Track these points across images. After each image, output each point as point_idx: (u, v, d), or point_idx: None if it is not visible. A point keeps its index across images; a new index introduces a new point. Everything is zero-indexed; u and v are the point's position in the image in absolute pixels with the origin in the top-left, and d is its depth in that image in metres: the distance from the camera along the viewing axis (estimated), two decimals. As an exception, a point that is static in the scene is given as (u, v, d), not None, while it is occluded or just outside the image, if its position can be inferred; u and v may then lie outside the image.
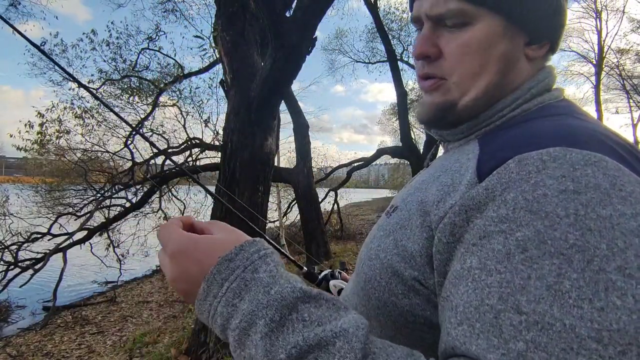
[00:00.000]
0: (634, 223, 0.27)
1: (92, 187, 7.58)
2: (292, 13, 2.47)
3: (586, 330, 0.24)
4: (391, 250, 0.41)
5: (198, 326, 2.82)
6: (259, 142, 2.92)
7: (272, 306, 0.32)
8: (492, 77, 0.42)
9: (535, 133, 0.36)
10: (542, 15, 0.41)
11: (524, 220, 0.29)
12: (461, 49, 0.41)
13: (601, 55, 19.75)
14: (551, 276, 0.26)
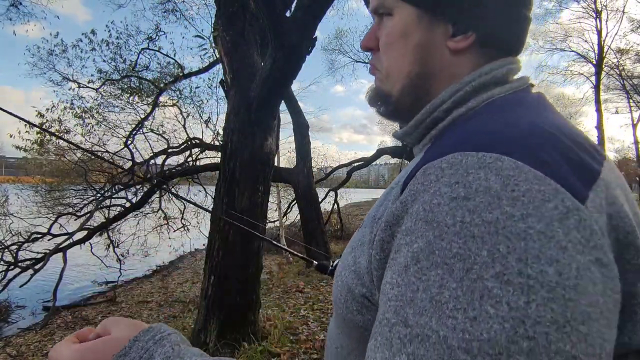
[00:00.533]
0: (521, 225, 0.25)
1: (92, 187, 7.58)
2: (292, 13, 2.47)
3: (457, 341, 0.23)
4: (350, 267, 0.40)
5: (198, 326, 2.82)
6: (259, 142, 2.92)
7: None
8: (412, 67, 0.42)
9: (450, 140, 0.35)
10: (463, 6, 0.39)
11: (420, 231, 0.28)
12: (385, 38, 0.43)
13: (601, 55, 19.74)
14: (434, 287, 0.26)
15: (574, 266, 0.24)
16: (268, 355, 2.66)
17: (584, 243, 0.25)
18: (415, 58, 0.41)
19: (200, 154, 8.35)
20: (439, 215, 0.28)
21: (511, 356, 0.22)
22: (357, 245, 0.40)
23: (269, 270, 7.47)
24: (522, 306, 0.23)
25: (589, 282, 0.24)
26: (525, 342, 0.22)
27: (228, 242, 2.81)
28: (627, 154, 32.44)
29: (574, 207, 0.26)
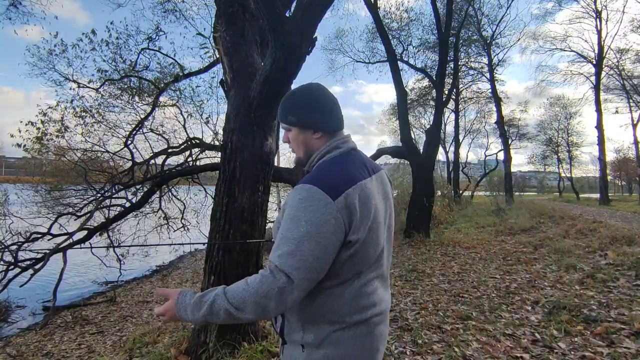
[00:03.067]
0: (304, 205, 0.87)
1: (92, 187, 7.57)
2: (292, 13, 2.47)
3: (290, 238, 0.86)
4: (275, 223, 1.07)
5: (198, 326, 2.82)
6: (259, 142, 2.92)
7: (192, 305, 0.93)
8: (303, 148, 1.07)
9: (309, 176, 0.94)
10: (313, 125, 1.03)
11: (286, 208, 0.92)
12: (292, 139, 1.08)
13: (601, 55, 19.72)
14: (288, 225, 0.89)
15: (320, 218, 0.85)
16: (268, 354, 2.66)
17: (325, 211, 0.85)
18: (303, 145, 1.06)
19: (200, 154, 8.33)
20: (293, 206, 0.89)
21: (301, 244, 0.84)
22: (279, 216, 1.00)
23: (269, 270, 7.45)
24: (301, 229, 0.85)
25: (325, 223, 0.85)
26: (301, 239, 0.85)
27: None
28: (627, 154, 32.44)
29: (325, 198, 0.86)
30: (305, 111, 1.02)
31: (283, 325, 0.99)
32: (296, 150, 1.07)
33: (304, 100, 1.02)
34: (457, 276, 5.07)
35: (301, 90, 1.04)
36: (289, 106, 1.04)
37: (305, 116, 1.02)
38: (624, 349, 2.49)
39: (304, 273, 0.84)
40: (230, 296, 0.87)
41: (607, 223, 8.81)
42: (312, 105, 1.01)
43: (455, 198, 20.21)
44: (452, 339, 2.88)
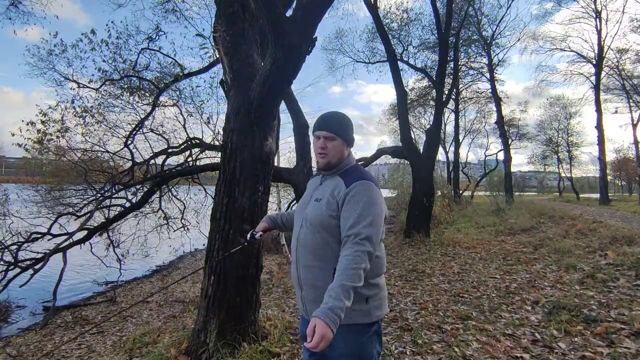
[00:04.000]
0: (374, 196, 1.28)
1: (92, 187, 7.57)
2: (292, 13, 2.47)
3: (372, 219, 1.23)
4: (322, 208, 1.34)
5: (198, 326, 2.82)
6: (259, 142, 2.92)
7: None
8: (338, 156, 1.41)
9: (360, 172, 1.37)
10: (351, 142, 1.45)
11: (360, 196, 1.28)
12: (332, 147, 1.40)
13: (601, 55, 19.70)
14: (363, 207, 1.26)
15: (382, 207, 1.30)
16: (268, 355, 2.66)
17: (382, 198, 1.32)
18: (339, 154, 1.41)
19: (200, 154, 8.34)
20: (366, 194, 1.28)
21: (378, 224, 1.24)
22: (324, 203, 1.34)
23: (269, 270, 7.48)
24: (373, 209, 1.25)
25: (382, 211, 1.28)
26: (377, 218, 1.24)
27: (228, 242, 2.81)
28: (627, 154, 32.44)
29: (379, 190, 1.33)
30: (351, 131, 1.44)
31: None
32: (332, 156, 1.39)
33: (350, 124, 1.45)
34: (457, 276, 5.07)
35: (342, 114, 1.46)
36: (344, 124, 1.42)
37: (350, 135, 1.44)
38: (624, 349, 2.49)
39: (378, 239, 1.23)
40: (350, 281, 1.11)
41: (607, 223, 8.81)
42: (352, 129, 1.47)
43: (455, 198, 20.21)
44: (452, 339, 2.88)
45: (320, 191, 1.40)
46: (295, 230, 1.43)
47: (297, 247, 1.38)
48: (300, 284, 1.36)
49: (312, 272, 1.32)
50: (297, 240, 1.38)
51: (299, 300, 1.40)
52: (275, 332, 3.00)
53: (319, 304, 1.09)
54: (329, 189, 1.36)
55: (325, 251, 1.30)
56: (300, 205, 1.49)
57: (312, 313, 1.09)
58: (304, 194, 1.54)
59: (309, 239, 1.33)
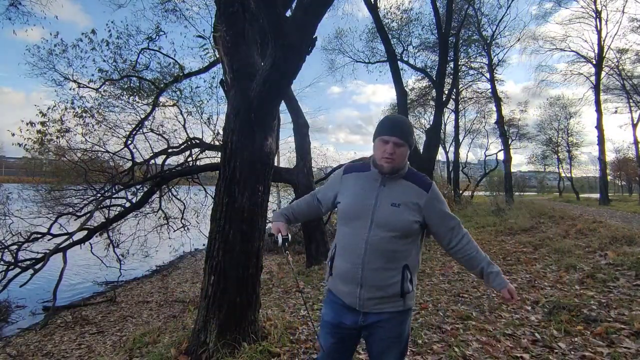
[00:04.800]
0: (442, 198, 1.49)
1: (92, 187, 7.57)
2: (292, 13, 2.47)
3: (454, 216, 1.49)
4: (404, 214, 1.40)
5: (198, 326, 2.82)
6: (259, 142, 2.91)
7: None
8: (404, 162, 1.47)
9: (420, 174, 1.52)
10: (411, 146, 1.48)
11: (441, 201, 1.48)
12: (400, 153, 1.43)
13: (601, 55, 19.70)
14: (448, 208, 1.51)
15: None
16: (268, 355, 2.66)
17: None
18: (404, 159, 1.47)
19: (200, 154, 8.34)
20: (439, 193, 1.50)
21: (453, 217, 1.49)
22: (404, 209, 1.40)
23: (269, 270, 7.47)
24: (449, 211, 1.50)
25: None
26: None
27: (228, 242, 2.81)
28: (627, 154, 32.43)
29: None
30: (413, 137, 1.50)
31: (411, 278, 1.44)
32: (399, 162, 1.43)
33: (413, 130, 1.52)
34: (457, 276, 5.07)
35: (406, 119, 1.52)
36: (411, 131, 1.47)
37: (414, 143, 1.52)
38: (624, 349, 2.49)
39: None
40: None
41: (607, 223, 8.81)
42: (413, 134, 1.51)
43: (455, 198, 20.21)
44: (452, 339, 2.88)
45: (393, 195, 1.42)
46: (358, 230, 1.40)
47: (365, 249, 1.38)
48: (360, 283, 1.39)
49: (383, 275, 1.39)
50: (366, 241, 1.38)
51: (351, 296, 1.43)
52: (275, 332, 3.00)
53: (379, 299, 1.39)
54: (403, 193, 1.43)
55: (401, 254, 1.40)
56: (358, 205, 1.44)
57: (368, 307, 1.41)
58: (345, 189, 1.52)
59: (385, 243, 1.37)
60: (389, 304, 1.41)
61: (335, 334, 1.51)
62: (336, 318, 1.50)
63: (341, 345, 1.52)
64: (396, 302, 1.41)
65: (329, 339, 1.52)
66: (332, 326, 1.51)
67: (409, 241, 1.41)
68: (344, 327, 1.47)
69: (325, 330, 1.54)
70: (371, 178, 1.48)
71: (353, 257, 1.40)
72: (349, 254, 1.42)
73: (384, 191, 1.43)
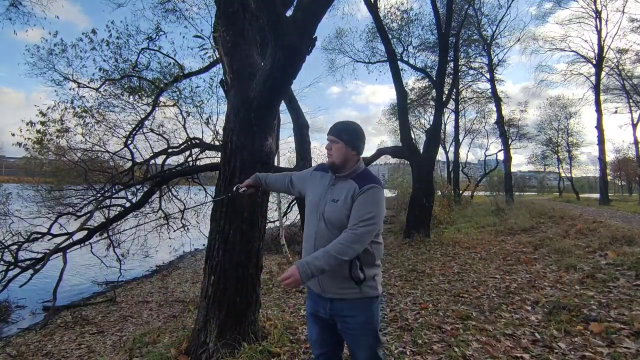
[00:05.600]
0: (379, 198, 1.55)
1: (92, 187, 7.56)
2: (292, 13, 2.47)
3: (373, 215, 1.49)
4: (340, 208, 1.55)
5: (198, 326, 2.82)
6: (259, 142, 2.92)
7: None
8: (342, 159, 1.62)
9: (370, 177, 1.60)
10: (356, 148, 1.64)
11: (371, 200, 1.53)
12: (336, 149, 1.63)
13: (601, 55, 19.70)
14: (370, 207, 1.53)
15: (383, 207, 1.56)
16: (268, 355, 2.66)
17: (384, 201, 1.60)
18: (343, 157, 1.62)
19: (200, 154, 8.34)
20: (376, 197, 1.54)
21: (376, 221, 1.50)
22: (341, 204, 1.56)
23: (269, 270, 7.47)
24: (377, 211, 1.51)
25: (382, 212, 1.56)
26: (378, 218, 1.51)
27: (228, 242, 2.81)
28: (627, 154, 32.42)
29: (383, 192, 1.59)
30: (356, 139, 1.64)
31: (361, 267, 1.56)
32: (336, 156, 1.61)
33: (356, 133, 1.65)
34: (457, 276, 5.07)
35: (353, 123, 1.68)
36: (349, 130, 1.64)
37: (356, 142, 1.64)
38: (624, 349, 2.49)
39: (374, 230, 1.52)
40: (334, 251, 1.47)
41: (607, 223, 8.81)
42: (360, 138, 1.67)
43: (455, 198, 20.21)
44: (452, 339, 2.88)
45: (335, 192, 1.60)
46: (312, 222, 1.64)
47: (315, 238, 1.60)
48: None
49: None
50: (315, 232, 1.60)
51: (313, 283, 1.62)
52: (275, 332, 3.00)
53: (335, 285, 1.56)
54: (344, 191, 1.58)
55: None
56: (314, 200, 1.66)
57: (329, 291, 1.57)
58: (311, 184, 1.75)
59: (327, 234, 1.56)
60: (346, 290, 1.56)
61: (316, 322, 1.68)
62: (314, 307, 1.68)
63: (324, 334, 1.68)
64: (352, 289, 1.55)
65: (314, 328, 1.70)
66: (312, 315, 1.69)
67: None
68: (320, 316, 1.65)
69: (309, 320, 1.73)
70: (327, 178, 1.69)
71: (308, 245, 1.62)
72: (307, 243, 1.64)
73: (333, 190, 1.63)
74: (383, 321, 3.40)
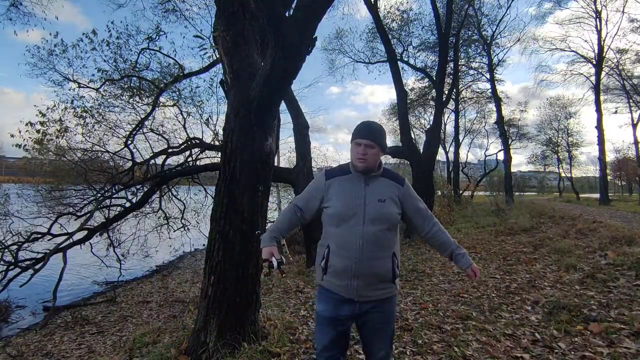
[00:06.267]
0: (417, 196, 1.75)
1: (92, 187, 7.56)
2: (292, 13, 2.47)
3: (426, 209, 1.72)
4: (388, 207, 1.60)
5: (198, 326, 2.82)
6: (259, 142, 2.91)
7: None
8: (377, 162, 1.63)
9: (391, 171, 1.73)
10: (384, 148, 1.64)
11: (414, 194, 1.71)
12: (372, 154, 1.59)
13: (601, 55, 19.70)
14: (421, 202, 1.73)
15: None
16: (268, 355, 2.66)
17: None
18: (378, 161, 1.63)
19: (200, 154, 8.33)
20: (413, 190, 1.72)
21: (426, 208, 1.73)
22: (389, 203, 1.60)
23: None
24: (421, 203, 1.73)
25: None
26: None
27: (228, 242, 2.81)
28: (627, 154, 32.42)
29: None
30: (385, 140, 1.67)
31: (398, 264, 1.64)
32: (371, 161, 1.59)
33: (385, 133, 1.68)
34: (457, 276, 5.06)
35: (379, 125, 1.67)
36: (382, 134, 1.65)
37: (385, 143, 1.67)
38: (624, 349, 2.49)
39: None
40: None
41: (607, 223, 8.80)
42: (386, 137, 1.69)
43: (455, 198, 20.20)
44: (452, 339, 2.88)
45: (376, 193, 1.60)
46: (353, 228, 1.55)
47: (362, 243, 1.53)
48: (356, 275, 1.54)
49: (379, 262, 1.56)
50: (361, 237, 1.53)
51: (347, 288, 1.57)
52: (275, 332, 3.00)
53: (373, 286, 1.57)
54: (385, 190, 1.61)
55: (389, 242, 1.59)
56: (350, 206, 1.58)
57: (363, 295, 1.56)
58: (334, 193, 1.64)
59: (378, 235, 1.55)
60: (382, 290, 1.58)
61: (334, 327, 1.63)
62: (333, 312, 1.62)
63: (338, 338, 1.66)
64: (387, 287, 1.59)
65: (328, 333, 1.64)
66: (330, 320, 1.63)
67: (394, 231, 1.62)
68: (341, 318, 1.61)
69: (325, 325, 1.65)
70: (354, 179, 1.63)
71: (350, 252, 1.54)
72: (346, 251, 1.55)
73: (370, 189, 1.60)
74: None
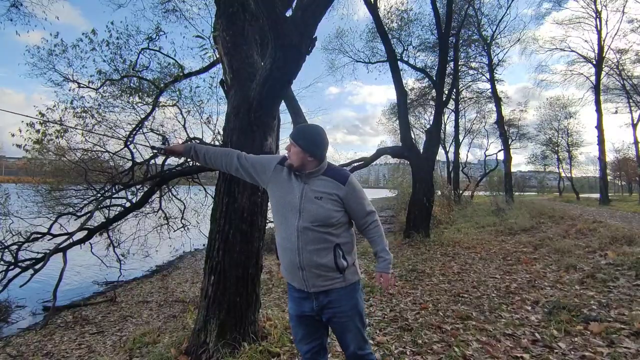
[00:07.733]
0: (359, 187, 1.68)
1: (92, 187, 7.56)
2: (292, 13, 2.47)
3: (370, 203, 1.71)
4: (325, 205, 1.59)
5: (198, 326, 2.82)
6: (259, 142, 2.92)
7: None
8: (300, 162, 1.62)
9: (339, 169, 1.70)
10: (311, 151, 1.61)
11: (358, 192, 1.66)
12: (293, 153, 1.63)
13: (601, 55, 19.71)
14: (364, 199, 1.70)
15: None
16: (268, 355, 2.66)
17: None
18: (300, 161, 1.61)
19: (200, 154, 8.30)
20: (359, 185, 1.68)
21: (369, 204, 1.70)
22: (326, 201, 1.59)
23: (269, 270, 7.46)
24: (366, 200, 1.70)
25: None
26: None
27: (228, 242, 2.81)
28: (627, 154, 32.42)
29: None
30: (314, 146, 1.62)
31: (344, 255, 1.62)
32: (293, 159, 1.61)
33: (316, 140, 1.63)
34: (457, 276, 5.06)
35: (313, 129, 1.68)
36: (307, 137, 1.63)
37: (313, 150, 1.62)
38: (624, 349, 2.49)
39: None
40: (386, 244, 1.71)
41: (607, 223, 8.81)
42: (321, 145, 1.64)
43: (455, 198, 20.21)
44: (452, 339, 2.88)
45: (314, 190, 1.61)
46: (290, 220, 1.59)
47: (298, 237, 1.56)
48: (301, 266, 1.58)
49: (317, 255, 1.57)
50: (296, 231, 1.56)
51: (298, 280, 1.62)
52: (275, 332, 3.00)
53: (322, 277, 1.58)
54: (324, 187, 1.61)
55: (330, 236, 1.58)
56: (290, 197, 1.62)
57: (314, 285, 1.58)
58: (277, 179, 1.68)
59: (311, 232, 1.56)
60: (331, 280, 1.59)
61: (301, 323, 1.69)
62: (298, 309, 1.68)
63: (310, 333, 1.70)
64: (336, 278, 1.60)
65: (299, 329, 1.71)
66: (297, 317, 1.69)
67: (336, 225, 1.60)
68: (306, 315, 1.66)
69: (293, 322, 1.73)
70: (295, 176, 1.66)
71: (291, 244, 1.58)
72: (288, 243, 1.60)
73: (308, 187, 1.61)
74: (382, 321, 3.40)
